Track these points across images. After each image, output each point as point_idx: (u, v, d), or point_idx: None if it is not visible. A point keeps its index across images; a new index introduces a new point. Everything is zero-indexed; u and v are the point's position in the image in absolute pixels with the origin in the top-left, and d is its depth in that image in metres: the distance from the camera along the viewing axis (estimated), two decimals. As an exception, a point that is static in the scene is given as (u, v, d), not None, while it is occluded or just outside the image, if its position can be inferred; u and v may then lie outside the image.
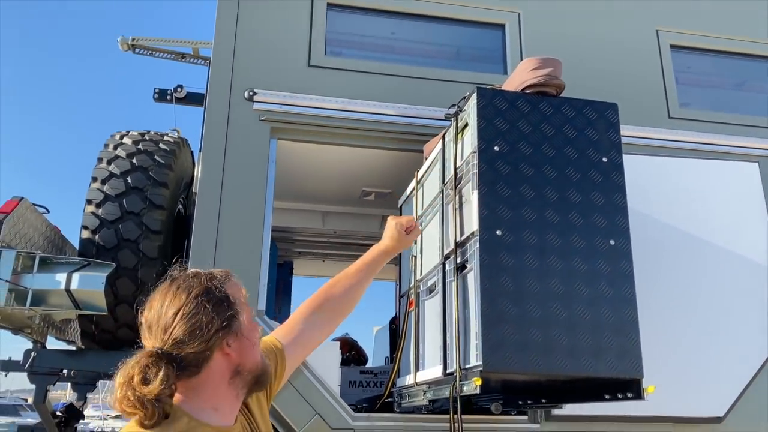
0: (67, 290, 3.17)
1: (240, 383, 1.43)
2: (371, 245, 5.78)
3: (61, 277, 3.19)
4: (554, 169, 2.35)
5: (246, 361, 1.42)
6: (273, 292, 5.00)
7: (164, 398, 1.26)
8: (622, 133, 2.50)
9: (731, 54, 4.04)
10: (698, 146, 3.63)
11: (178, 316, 1.33)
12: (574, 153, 2.39)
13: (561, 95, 2.52)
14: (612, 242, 2.29)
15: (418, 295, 3.06)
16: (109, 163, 3.81)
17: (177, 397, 1.34)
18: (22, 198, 3.38)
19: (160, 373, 1.26)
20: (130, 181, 3.73)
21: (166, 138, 4.20)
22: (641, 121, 3.61)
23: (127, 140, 4.01)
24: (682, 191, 3.39)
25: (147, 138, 4.11)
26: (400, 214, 3.73)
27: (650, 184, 3.30)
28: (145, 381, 1.25)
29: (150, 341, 1.33)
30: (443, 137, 2.79)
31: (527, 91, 2.47)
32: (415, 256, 3.18)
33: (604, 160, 2.41)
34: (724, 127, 3.73)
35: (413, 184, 3.25)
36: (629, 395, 2.20)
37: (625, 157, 2.46)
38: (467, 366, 2.24)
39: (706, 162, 3.50)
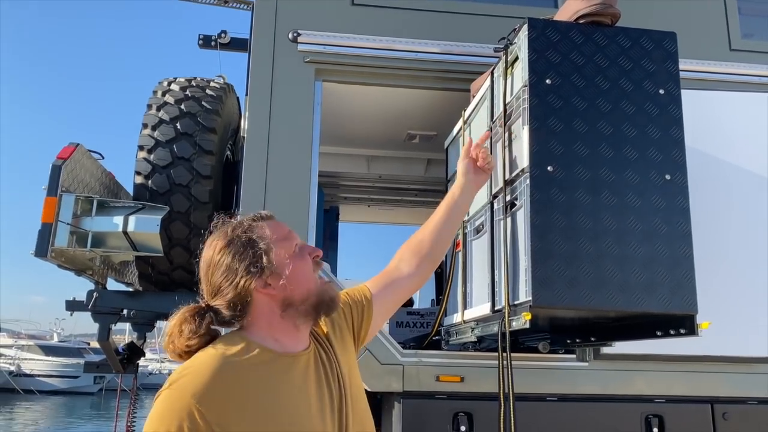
0: (125, 232, 3.29)
1: (295, 314, 1.50)
2: (416, 190, 5.75)
3: (118, 220, 3.31)
4: (608, 102, 2.27)
5: (294, 294, 1.49)
6: (320, 237, 5.07)
7: (195, 348, 1.43)
8: (679, 67, 2.39)
9: (801, -20, 3.79)
10: (761, 79, 3.45)
11: (210, 270, 1.50)
12: (630, 85, 2.30)
13: (616, 25, 2.42)
14: (668, 177, 2.23)
15: (465, 235, 3.06)
16: (158, 109, 3.87)
17: (242, 327, 1.50)
18: (78, 144, 3.47)
19: (189, 327, 1.44)
20: (179, 127, 3.78)
21: (212, 84, 4.23)
22: (700, 54, 3.44)
23: (174, 87, 4.05)
24: (744, 126, 3.24)
25: (194, 84, 4.14)
26: (446, 157, 3.71)
27: (709, 120, 3.16)
28: (180, 333, 1.44)
29: (203, 293, 1.52)
30: (491, 73, 2.72)
31: (580, 21, 2.38)
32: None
33: (661, 92, 2.32)
34: (789, 59, 3.53)
35: (460, 123, 3.21)
36: (682, 331, 2.17)
37: (682, 92, 2.36)
38: (516, 302, 2.25)
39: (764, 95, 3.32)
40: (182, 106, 3.88)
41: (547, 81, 2.25)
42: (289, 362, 1.48)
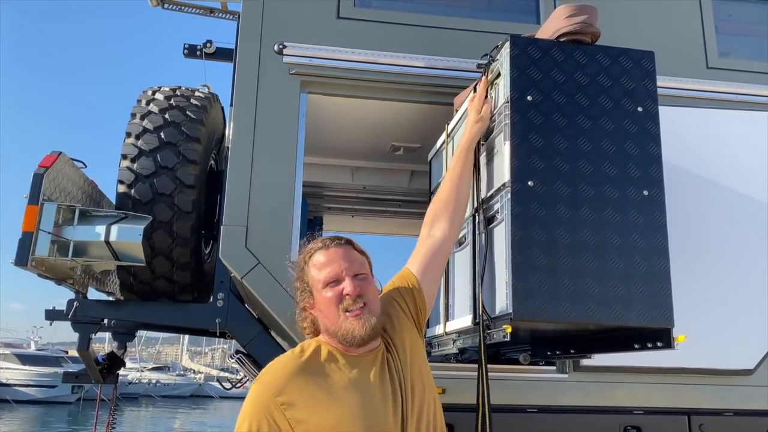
0: (107, 242, 3.28)
1: (332, 337, 1.79)
2: (400, 201, 5.76)
3: (100, 229, 3.29)
4: (588, 119, 2.32)
5: (323, 321, 1.80)
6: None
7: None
8: (657, 84, 2.45)
9: (776, 0, 3.89)
10: (737, 97, 3.53)
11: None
12: (609, 102, 2.35)
13: (596, 43, 2.47)
14: (645, 192, 2.27)
15: (447, 247, 3.09)
16: (142, 118, 3.86)
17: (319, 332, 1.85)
18: (60, 153, 3.46)
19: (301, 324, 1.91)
20: (163, 136, 3.78)
21: (197, 93, 4.23)
22: (678, 72, 3.51)
23: (159, 96, 4.05)
24: (720, 143, 3.32)
25: (178, 94, 4.14)
26: (430, 169, 3.74)
27: (687, 136, 3.23)
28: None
29: None
30: (474, 88, 2.76)
31: (562, 40, 2.43)
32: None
33: (639, 109, 2.37)
34: (765, 77, 3.62)
35: (443, 137, 3.24)
36: (659, 344, 2.21)
37: (660, 108, 2.42)
38: (497, 315, 2.28)
39: (745, 113, 3.41)
40: (166, 116, 3.88)
41: (529, 98, 2.30)
42: (353, 360, 1.75)
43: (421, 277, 2.07)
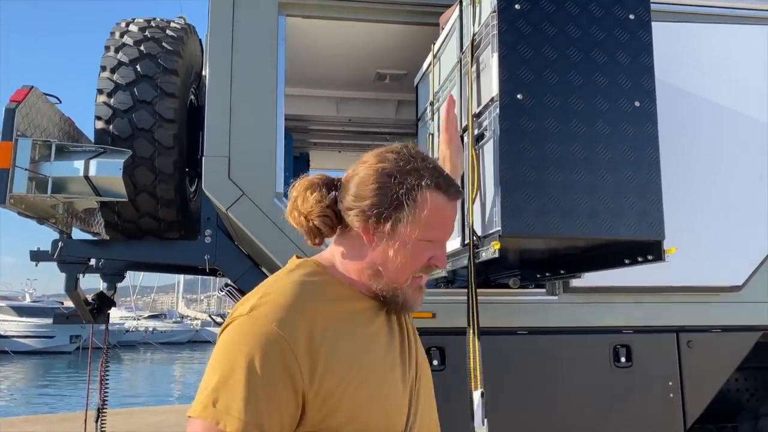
0: (86, 177, 3.19)
1: (369, 285, 1.29)
2: (387, 133, 5.64)
3: (79, 165, 3.20)
4: (578, 28, 2.22)
5: (383, 271, 1.28)
6: (290, 185, 4.99)
7: (317, 219, 1.30)
8: (649, -2, 2.34)
9: None
10: (730, 11, 3.42)
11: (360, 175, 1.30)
12: (599, 10, 2.25)
13: (586, -51, 2.35)
14: (637, 104, 2.21)
15: (435, 173, 3.03)
16: (116, 51, 3.71)
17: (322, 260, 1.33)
18: (32, 87, 3.32)
19: (315, 194, 1.31)
20: (139, 69, 3.63)
21: (172, 25, 4.06)
22: (671, -15, 3.39)
23: (133, 28, 3.88)
24: (716, 59, 3.23)
25: (153, 25, 3.97)
26: (416, 95, 3.64)
27: (678, 52, 3.14)
28: (305, 200, 1.31)
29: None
30: (460, 2, 2.64)
31: (550, -56, 2.30)
32: (432, 134, 3.12)
33: (631, 17, 2.27)
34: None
35: (429, 58, 3.14)
36: (650, 258, 2.19)
37: (654, 24, 2.31)
38: (487, 233, 2.24)
39: (738, 27, 3.30)
40: (141, 48, 3.73)
41: (516, 6, 2.19)
42: (370, 314, 1.29)
43: None
